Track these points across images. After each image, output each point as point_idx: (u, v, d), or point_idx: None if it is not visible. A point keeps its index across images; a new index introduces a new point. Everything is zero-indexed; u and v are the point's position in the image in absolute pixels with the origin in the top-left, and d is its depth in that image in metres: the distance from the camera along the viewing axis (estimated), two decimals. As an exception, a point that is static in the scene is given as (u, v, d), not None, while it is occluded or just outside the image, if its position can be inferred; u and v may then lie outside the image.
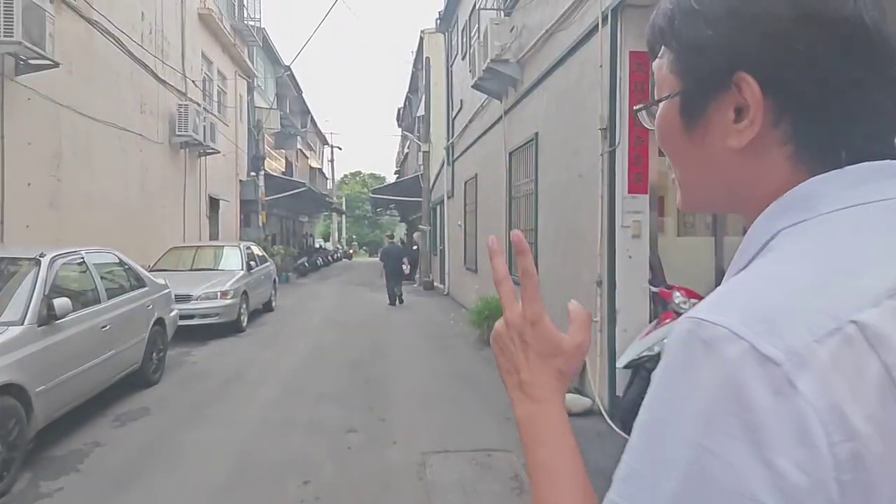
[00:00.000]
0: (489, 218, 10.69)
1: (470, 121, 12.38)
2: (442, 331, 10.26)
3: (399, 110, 39.38)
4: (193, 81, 14.07)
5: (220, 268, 10.76)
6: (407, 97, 33.67)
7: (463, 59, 13.43)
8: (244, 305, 10.19)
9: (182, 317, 8.97)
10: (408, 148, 33.21)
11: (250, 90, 20.76)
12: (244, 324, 10.15)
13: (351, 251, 50.43)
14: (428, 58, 19.99)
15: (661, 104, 0.59)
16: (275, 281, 13.10)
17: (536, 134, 7.43)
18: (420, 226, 20.54)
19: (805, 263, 0.46)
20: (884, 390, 0.40)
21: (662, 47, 0.58)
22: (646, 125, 0.63)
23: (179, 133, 13.00)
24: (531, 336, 0.63)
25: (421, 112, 22.90)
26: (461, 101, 13.74)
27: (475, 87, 9.49)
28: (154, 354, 6.54)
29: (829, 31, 0.49)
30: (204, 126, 13.84)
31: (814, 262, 0.46)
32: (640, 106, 0.64)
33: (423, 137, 20.35)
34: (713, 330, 0.43)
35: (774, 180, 0.52)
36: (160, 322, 6.70)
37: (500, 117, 9.30)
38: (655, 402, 0.45)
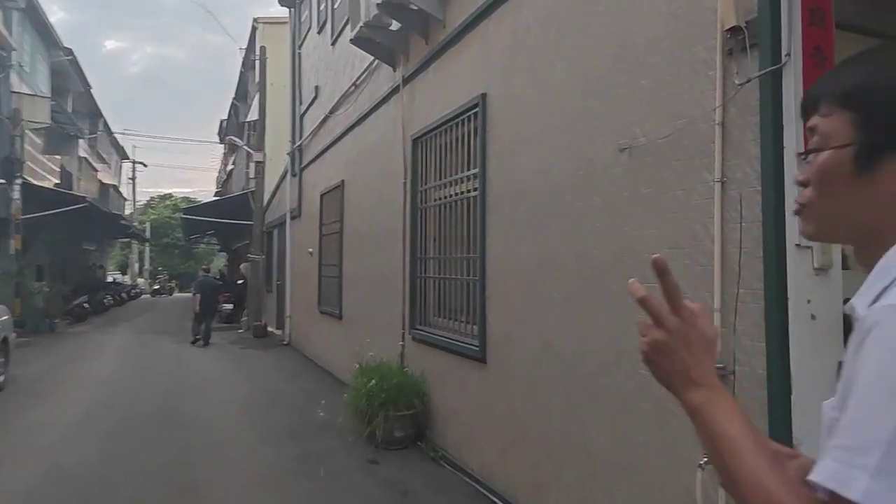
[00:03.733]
0: (369, 241, 7.34)
1: (332, 110, 9.01)
2: (296, 419, 6.51)
3: (222, 122, 34.00)
4: None
5: None
6: (232, 105, 28.82)
7: (320, 32, 10.09)
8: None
9: None
10: (233, 163, 28.24)
11: (3, 67, 14.97)
12: (-81, 428, 5.49)
13: (172, 285, 42.30)
14: (263, 47, 16.17)
15: (829, 151, 0.71)
16: (5, 341, 8.14)
17: (483, 96, 4.39)
18: (250, 255, 16.27)
19: None
20: None
21: (823, 105, 0.73)
22: (799, 176, 0.77)
23: None
24: (694, 336, 0.73)
25: (253, 116, 18.74)
26: (316, 87, 10.31)
27: (356, 41, 6.24)
28: None
29: None
30: None
31: None
32: (807, 151, 0.75)
33: (257, 145, 16.30)
34: None
35: None
36: None
37: (396, 88, 6.13)
38: (882, 362, 0.58)
